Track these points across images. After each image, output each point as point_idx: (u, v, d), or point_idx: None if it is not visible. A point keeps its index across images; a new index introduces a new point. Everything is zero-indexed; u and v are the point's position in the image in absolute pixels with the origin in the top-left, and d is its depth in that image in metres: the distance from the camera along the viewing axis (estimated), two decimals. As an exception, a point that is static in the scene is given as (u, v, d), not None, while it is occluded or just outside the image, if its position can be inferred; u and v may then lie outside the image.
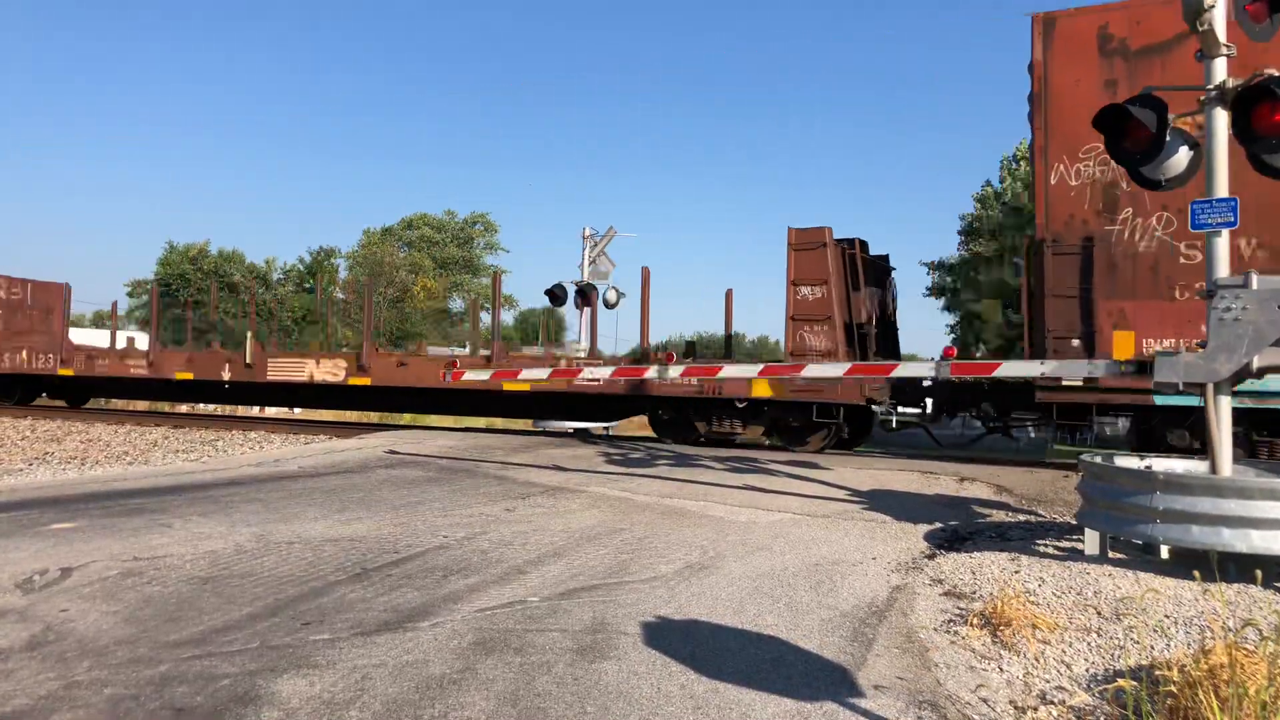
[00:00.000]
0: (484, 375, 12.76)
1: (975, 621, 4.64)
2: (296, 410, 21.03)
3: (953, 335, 43.31)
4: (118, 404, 25.09)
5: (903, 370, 9.55)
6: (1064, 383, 10.28)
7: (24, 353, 20.53)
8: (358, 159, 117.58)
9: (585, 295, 20.47)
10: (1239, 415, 9.99)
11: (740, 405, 13.62)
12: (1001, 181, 43.31)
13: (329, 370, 16.56)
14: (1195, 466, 6.11)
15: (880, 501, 8.21)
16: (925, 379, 11.50)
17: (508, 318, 60.71)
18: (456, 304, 59.30)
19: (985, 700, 3.77)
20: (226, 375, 17.70)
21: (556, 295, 19.79)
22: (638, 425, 17.20)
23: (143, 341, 22.93)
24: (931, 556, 6.15)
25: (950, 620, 4.77)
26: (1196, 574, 5.00)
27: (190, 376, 18.31)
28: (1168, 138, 5.75)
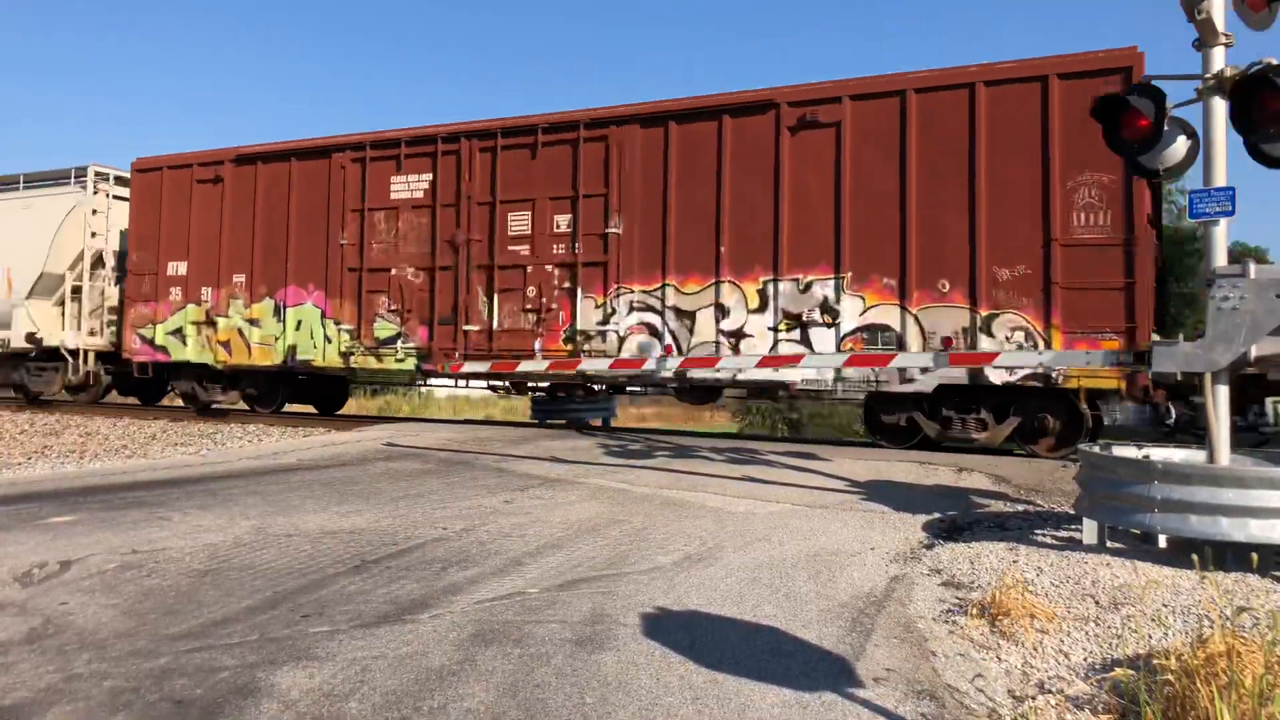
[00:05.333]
0: (483, 367, 12.76)
1: (973, 611, 4.65)
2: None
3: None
4: (114, 395, 23.89)
5: (900, 360, 9.56)
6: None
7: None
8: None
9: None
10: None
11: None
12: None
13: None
14: (1193, 456, 6.12)
15: (879, 492, 8.22)
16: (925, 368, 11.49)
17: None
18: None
19: (983, 690, 3.78)
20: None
21: None
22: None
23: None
24: (930, 546, 6.16)
25: (949, 610, 4.78)
26: (1195, 559, 5.01)
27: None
28: (1166, 127, 5.75)
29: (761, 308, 11.94)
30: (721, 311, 12.14)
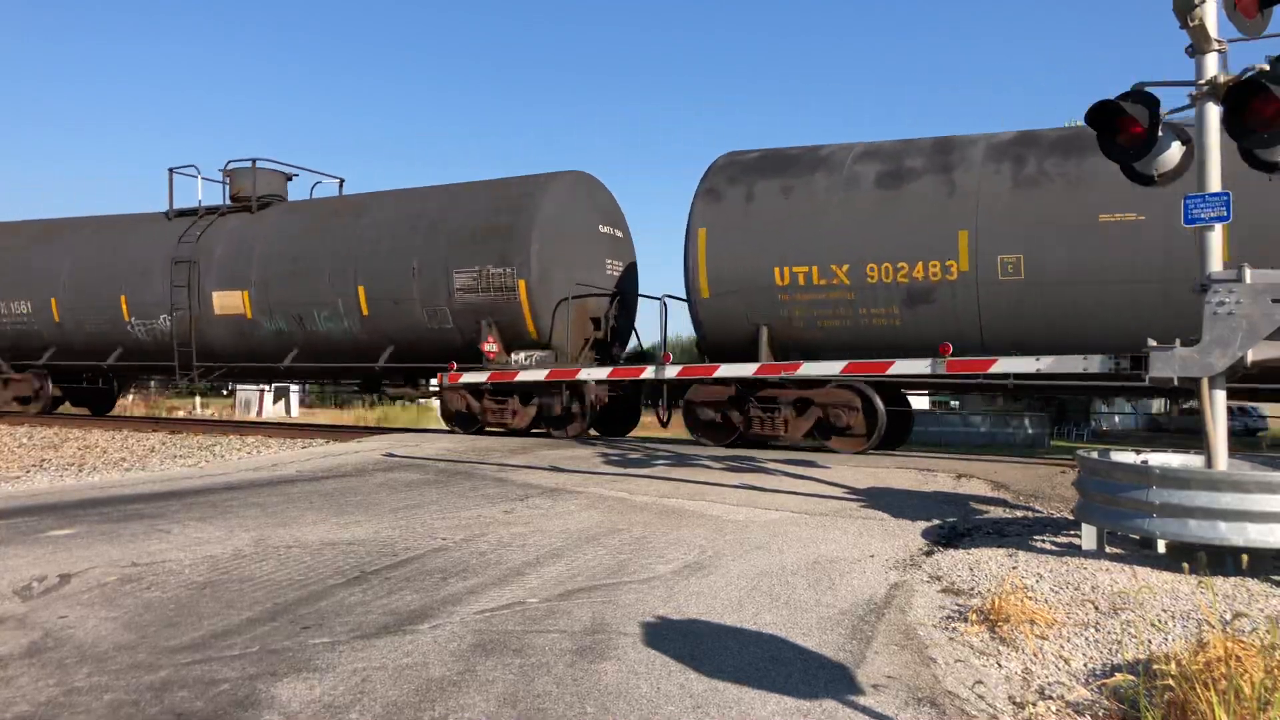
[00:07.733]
0: (481, 377, 12.77)
1: (973, 618, 4.65)
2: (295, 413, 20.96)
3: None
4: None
5: (898, 368, 9.57)
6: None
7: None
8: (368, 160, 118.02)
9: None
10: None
11: None
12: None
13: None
14: (1191, 461, 6.12)
15: (878, 499, 8.22)
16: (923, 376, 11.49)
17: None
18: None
19: (983, 696, 3.78)
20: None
21: None
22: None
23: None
24: (929, 553, 6.16)
25: (949, 617, 4.79)
26: (1186, 566, 5.02)
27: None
28: (1160, 133, 5.77)
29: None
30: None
